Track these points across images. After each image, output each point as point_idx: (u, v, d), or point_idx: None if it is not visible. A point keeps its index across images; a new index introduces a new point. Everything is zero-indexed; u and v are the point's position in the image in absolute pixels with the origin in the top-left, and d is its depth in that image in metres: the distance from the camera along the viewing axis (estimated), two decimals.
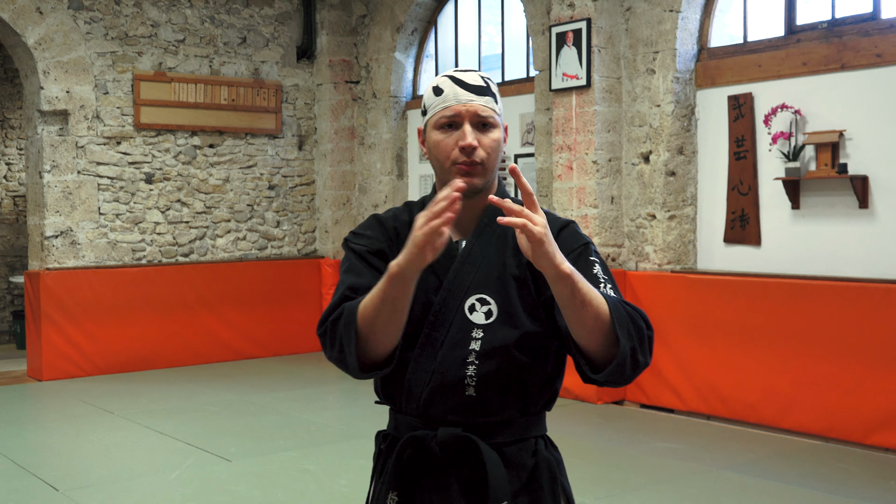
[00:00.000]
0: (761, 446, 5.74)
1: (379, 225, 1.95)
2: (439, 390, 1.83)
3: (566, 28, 7.01)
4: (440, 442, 1.83)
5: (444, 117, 1.84)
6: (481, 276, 1.86)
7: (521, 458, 1.87)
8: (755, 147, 6.41)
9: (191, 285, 8.82)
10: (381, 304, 1.70)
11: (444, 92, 1.86)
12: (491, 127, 1.85)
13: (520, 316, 1.84)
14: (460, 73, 1.88)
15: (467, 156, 1.82)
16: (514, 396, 1.85)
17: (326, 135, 9.66)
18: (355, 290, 1.84)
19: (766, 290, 6.08)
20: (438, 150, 1.85)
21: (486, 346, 1.82)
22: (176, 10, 8.86)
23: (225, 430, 6.27)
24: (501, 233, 1.89)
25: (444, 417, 1.84)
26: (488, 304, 1.84)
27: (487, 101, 1.85)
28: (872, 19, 5.86)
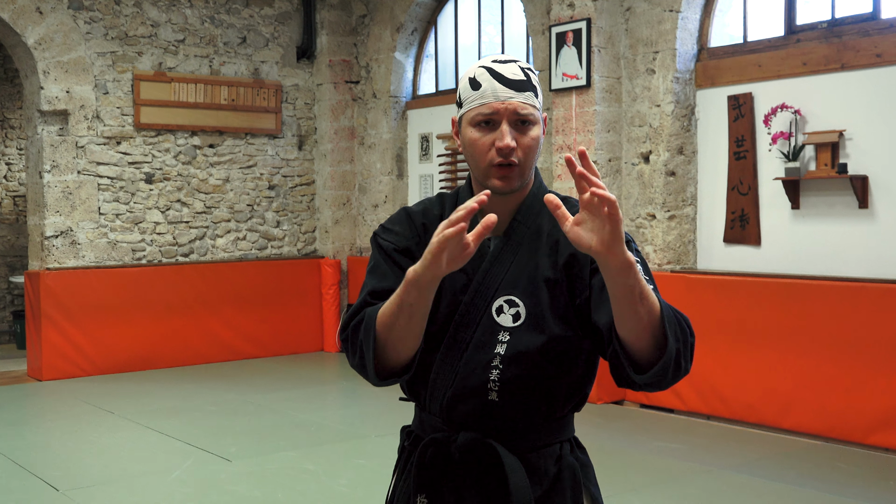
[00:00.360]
0: (761, 446, 5.74)
1: (408, 220, 1.88)
2: (461, 393, 1.78)
3: (566, 28, 7.01)
4: (460, 446, 1.78)
5: (481, 115, 1.76)
6: (511, 277, 1.80)
7: (544, 464, 1.81)
8: (755, 147, 6.41)
9: (191, 285, 8.82)
10: (398, 310, 1.66)
11: (481, 86, 1.76)
12: (530, 125, 1.76)
13: (548, 320, 1.77)
14: (499, 64, 1.78)
15: (504, 157, 1.74)
16: (538, 402, 1.79)
17: (326, 135, 9.66)
18: (377, 294, 1.79)
19: (766, 290, 6.08)
20: (475, 148, 1.77)
21: (512, 351, 1.76)
22: (176, 10, 8.86)
23: (225, 430, 6.27)
24: (535, 232, 1.83)
25: (465, 420, 1.79)
26: (517, 306, 1.78)
27: (527, 97, 1.76)
28: (872, 19, 5.86)
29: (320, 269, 9.62)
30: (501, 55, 1.81)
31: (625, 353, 1.64)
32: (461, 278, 1.79)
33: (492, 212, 1.79)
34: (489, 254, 1.81)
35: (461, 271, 1.77)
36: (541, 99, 1.80)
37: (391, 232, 1.88)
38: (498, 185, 1.77)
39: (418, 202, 1.94)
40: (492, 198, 1.77)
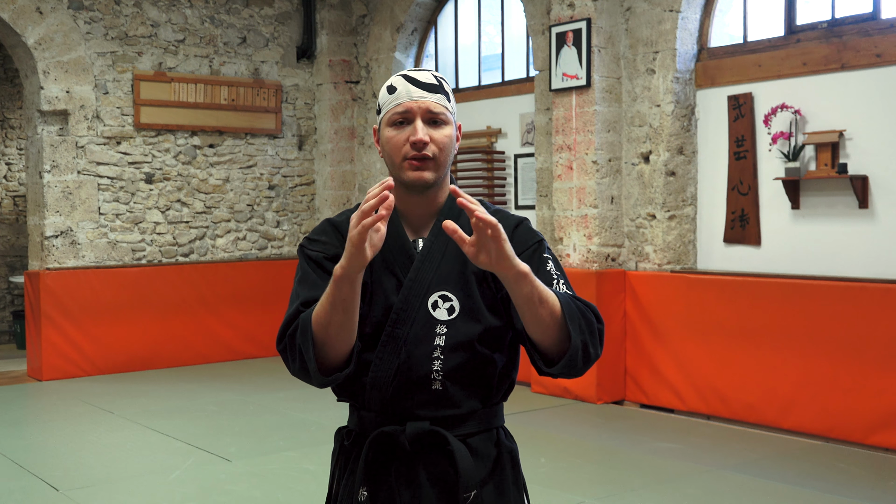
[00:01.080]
0: (761, 446, 5.74)
1: (333, 230, 1.97)
2: (406, 386, 1.87)
3: (566, 28, 7.01)
4: (409, 437, 1.86)
5: (397, 114, 1.88)
6: (442, 274, 1.90)
7: (486, 448, 1.92)
8: (755, 147, 6.41)
9: (191, 285, 8.82)
10: (331, 307, 1.74)
11: (397, 90, 1.89)
12: (443, 123, 1.88)
13: (482, 311, 1.89)
14: (413, 71, 1.92)
15: (418, 150, 1.85)
16: (477, 388, 1.90)
17: (326, 135, 9.67)
18: (310, 303, 1.86)
19: (766, 290, 6.08)
20: (391, 145, 1.88)
21: (451, 341, 1.86)
22: (176, 10, 8.86)
23: (225, 430, 6.27)
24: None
25: (410, 412, 1.88)
26: (450, 300, 1.89)
27: (439, 98, 1.89)
28: (872, 19, 5.86)
29: None
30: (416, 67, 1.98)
31: (535, 349, 1.81)
32: (391, 281, 1.89)
33: (414, 213, 1.95)
34: (418, 254, 1.91)
35: (391, 273, 1.90)
36: (453, 105, 1.92)
37: (318, 242, 1.96)
38: (412, 177, 1.87)
39: (339, 213, 2.03)
40: (413, 199, 1.92)
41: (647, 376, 6.79)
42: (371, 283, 1.90)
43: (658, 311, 6.71)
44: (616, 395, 6.96)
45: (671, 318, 6.61)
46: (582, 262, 7.01)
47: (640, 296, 6.82)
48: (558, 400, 7.05)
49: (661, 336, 6.68)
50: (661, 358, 6.67)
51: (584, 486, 5.00)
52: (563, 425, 6.31)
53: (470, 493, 1.85)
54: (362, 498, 1.89)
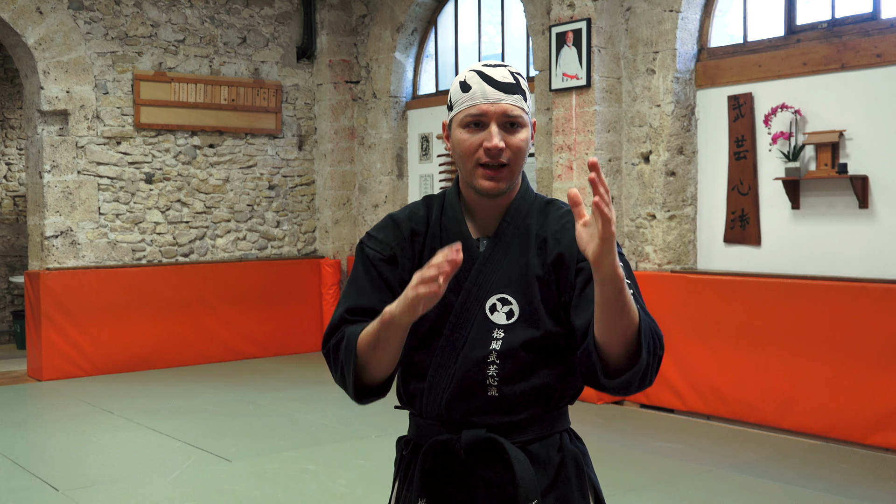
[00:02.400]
0: (761, 446, 5.74)
1: (394, 226, 1.90)
2: (460, 392, 1.80)
3: (566, 28, 7.01)
4: (465, 445, 1.80)
5: (470, 115, 1.78)
6: (503, 276, 1.82)
7: (547, 454, 1.84)
8: (755, 147, 6.41)
9: (191, 285, 8.82)
10: (375, 343, 1.72)
11: (471, 88, 1.79)
12: (519, 127, 1.80)
13: (542, 316, 1.81)
14: (489, 68, 1.81)
15: (492, 158, 1.77)
16: (536, 395, 1.82)
17: (326, 135, 9.67)
18: (354, 311, 1.84)
19: (766, 290, 6.08)
20: (462, 148, 1.80)
21: (507, 346, 1.79)
22: (176, 10, 8.86)
23: (225, 430, 6.27)
24: (524, 232, 1.86)
25: (466, 419, 1.81)
26: (510, 304, 1.81)
27: (516, 99, 1.79)
28: (872, 19, 5.87)
29: (320, 269, 9.62)
30: (492, 60, 1.85)
31: (598, 356, 1.70)
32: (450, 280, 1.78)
33: (481, 214, 1.86)
34: (480, 255, 1.84)
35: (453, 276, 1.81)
36: (530, 103, 1.83)
37: (376, 240, 1.90)
38: (486, 186, 1.79)
39: (403, 207, 1.96)
40: (481, 200, 1.84)
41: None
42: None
43: (658, 311, 6.70)
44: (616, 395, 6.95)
45: (671, 319, 6.61)
46: None
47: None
48: None
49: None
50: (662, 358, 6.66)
51: None
52: None
53: (531, 502, 1.76)
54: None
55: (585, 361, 1.74)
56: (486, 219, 1.86)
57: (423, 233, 1.89)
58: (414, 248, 1.88)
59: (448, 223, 1.88)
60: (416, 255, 1.88)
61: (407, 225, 1.89)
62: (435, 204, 1.92)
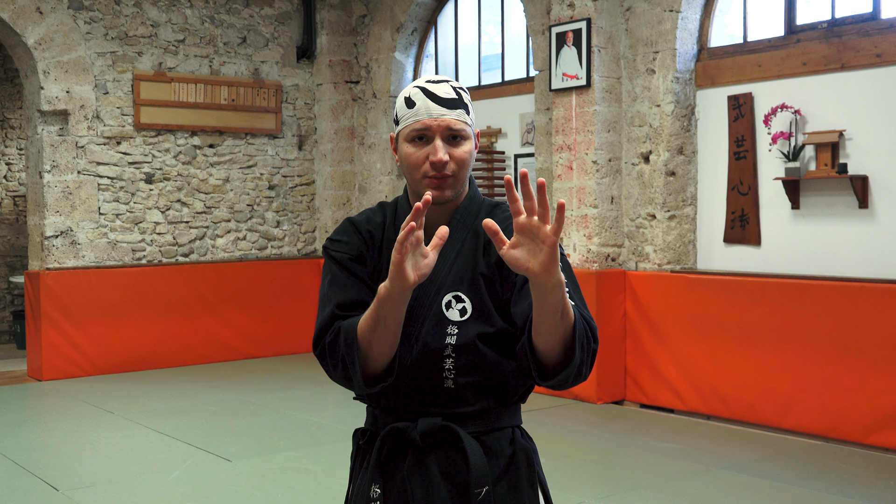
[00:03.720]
0: (761, 446, 5.74)
1: (354, 229, 1.98)
2: (418, 383, 1.88)
3: (566, 28, 7.01)
4: (421, 432, 1.87)
5: (415, 130, 1.87)
6: (456, 274, 1.91)
7: (500, 446, 1.91)
8: (755, 147, 6.41)
9: (191, 285, 8.82)
10: (374, 324, 1.76)
11: (415, 105, 1.88)
12: (462, 139, 1.88)
13: (492, 313, 1.89)
14: (432, 84, 1.90)
15: (438, 170, 1.85)
16: (490, 388, 1.90)
17: (326, 135, 9.67)
18: (344, 306, 1.89)
19: (766, 290, 6.08)
20: (409, 161, 1.88)
21: (462, 341, 1.86)
22: (176, 10, 8.86)
23: (225, 430, 6.27)
24: (473, 232, 1.94)
25: (423, 409, 1.89)
26: (463, 301, 1.89)
27: (459, 114, 1.87)
28: (872, 19, 5.87)
29: (320, 270, 9.62)
30: (434, 76, 1.94)
31: (534, 358, 1.76)
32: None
33: (430, 220, 1.93)
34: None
35: None
36: (472, 116, 1.92)
37: (340, 242, 1.97)
38: (433, 196, 1.85)
39: (361, 212, 2.05)
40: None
41: (647, 376, 6.79)
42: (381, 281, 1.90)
43: (658, 311, 6.71)
44: (616, 395, 6.96)
45: (671, 318, 6.61)
46: (582, 262, 7.01)
47: (640, 296, 6.82)
48: (558, 400, 7.05)
49: (661, 336, 6.68)
50: (661, 358, 6.67)
51: (584, 486, 5.00)
52: (563, 425, 6.31)
53: (482, 489, 1.84)
54: (374, 494, 1.90)
55: (521, 359, 1.81)
56: (435, 224, 1.92)
57: (380, 237, 1.98)
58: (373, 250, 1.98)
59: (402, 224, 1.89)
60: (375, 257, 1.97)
61: (365, 227, 1.98)
62: (388, 210, 2.02)
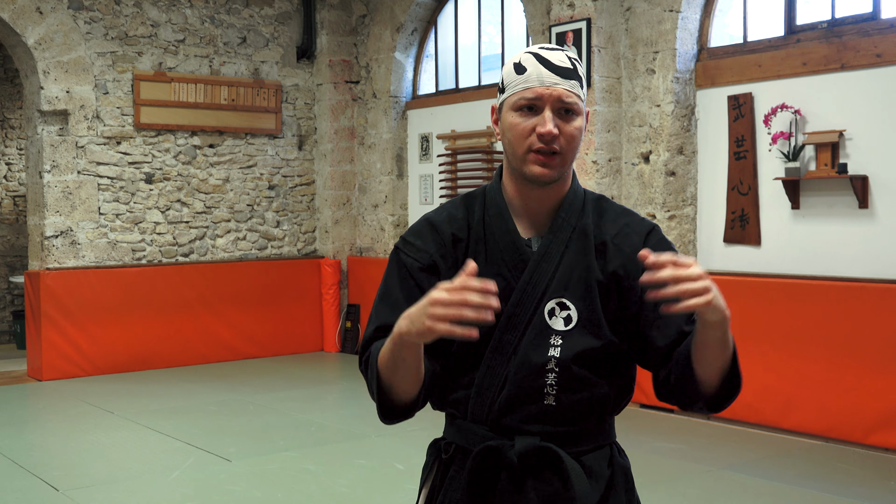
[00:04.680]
0: (761, 446, 5.74)
1: (432, 231, 1.76)
2: (516, 398, 1.70)
3: (566, 28, 7.01)
4: (518, 452, 1.70)
5: (525, 99, 1.69)
6: (561, 278, 1.72)
7: (599, 467, 1.77)
8: (755, 147, 6.41)
9: (191, 285, 8.82)
10: (391, 362, 1.62)
11: (526, 70, 1.69)
12: (574, 114, 1.70)
13: (602, 324, 1.72)
14: (546, 51, 1.71)
15: (546, 144, 1.67)
16: (593, 405, 1.75)
17: (326, 135, 9.67)
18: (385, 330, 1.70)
19: (766, 290, 6.08)
20: (514, 133, 1.70)
21: (567, 354, 1.70)
22: (176, 10, 8.86)
23: (225, 430, 6.27)
24: (581, 231, 1.75)
25: (519, 427, 1.71)
26: (568, 308, 1.71)
27: (573, 85, 1.69)
28: (872, 19, 5.86)
29: (320, 269, 9.62)
30: (550, 44, 1.76)
31: (697, 389, 1.68)
32: (499, 283, 1.66)
33: (530, 208, 1.75)
34: (534, 255, 1.73)
35: (498, 276, 1.71)
36: (585, 92, 1.75)
37: (414, 247, 1.76)
38: (536, 172, 1.69)
39: (440, 208, 1.82)
40: (530, 192, 1.74)
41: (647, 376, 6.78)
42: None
43: None
44: None
45: None
46: None
47: None
48: None
49: None
50: None
51: None
52: None
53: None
54: None
55: (679, 389, 1.71)
56: (535, 215, 1.75)
57: (466, 237, 1.76)
58: (457, 254, 1.75)
59: (493, 223, 1.76)
60: (458, 263, 1.73)
61: (447, 229, 1.76)
62: (475, 203, 1.79)
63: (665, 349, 1.72)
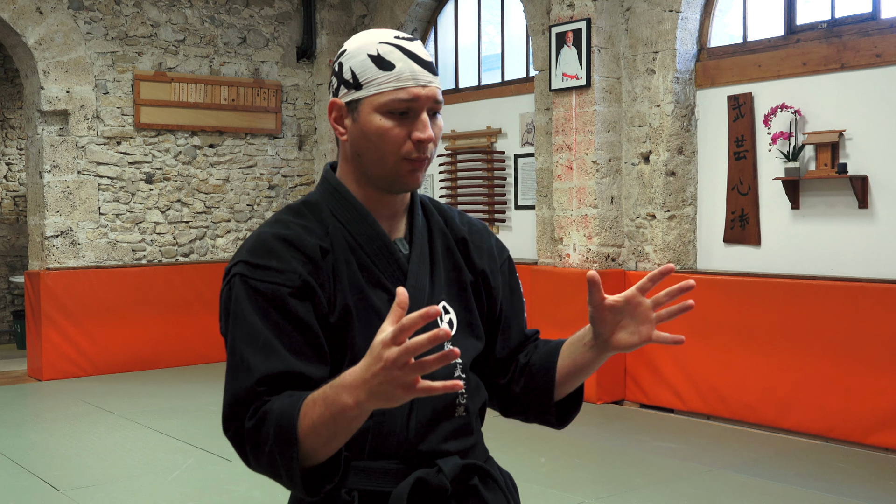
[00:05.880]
0: (761, 446, 5.74)
1: (289, 248, 1.46)
2: (430, 418, 1.52)
3: (566, 28, 7.01)
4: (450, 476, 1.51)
5: (399, 101, 1.46)
6: (437, 281, 1.58)
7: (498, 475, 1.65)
8: (755, 147, 6.41)
9: (191, 285, 8.82)
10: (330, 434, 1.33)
11: (395, 67, 1.46)
12: (437, 114, 1.52)
13: (478, 326, 1.62)
14: (407, 42, 1.50)
15: (421, 151, 1.48)
16: (482, 411, 1.65)
17: (326, 135, 9.66)
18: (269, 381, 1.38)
19: (766, 290, 6.08)
20: (383, 139, 1.46)
21: (465, 359, 1.57)
22: (176, 10, 8.87)
23: None
24: (440, 231, 1.63)
25: (437, 449, 1.53)
26: (448, 312, 1.57)
27: (438, 80, 1.51)
28: (872, 19, 5.86)
29: None
30: (400, 32, 1.53)
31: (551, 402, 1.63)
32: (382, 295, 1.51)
33: (385, 210, 1.55)
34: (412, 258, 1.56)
35: (378, 287, 1.51)
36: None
37: (270, 270, 1.43)
38: (409, 182, 1.50)
39: (275, 223, 1.51)
40: (382, 199, 1.55)
41: (646, 376, 6.79)
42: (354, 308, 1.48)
43: None
44: (616, 395, 6.96)
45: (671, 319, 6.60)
46: (582, 262, 7.01)
47: None
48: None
49: None
50: (661, 358, 6.67)
51: (584, 486, 5.00)
52: None
53: None
54: None
55: (528, 401, 1.64)
56: (389, 220, 1.57)
57: (331, 247, 1.50)
58: (326, 270, 1.48)
59: (356, 232, 1.53)
60: (330, 280, 1.48)
61: (309, 242, 1.48)
62: (320, 211, 1.54)
63: (506, 357, 1.66)
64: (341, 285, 1.48)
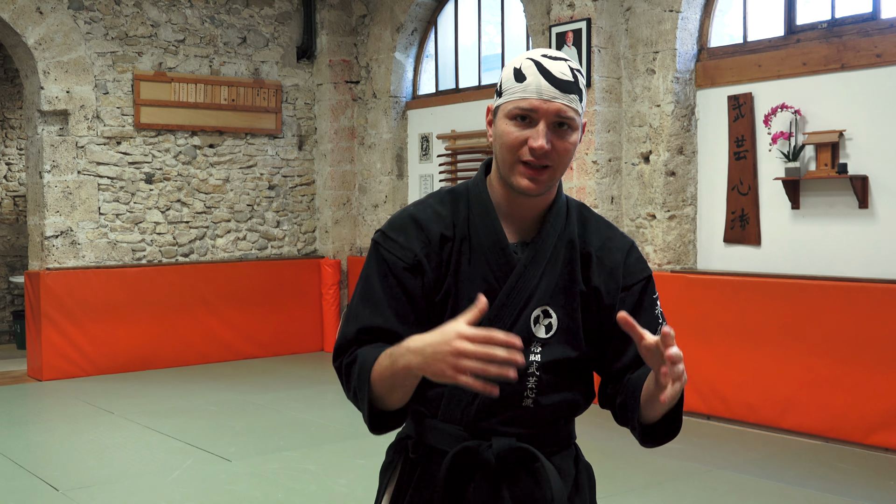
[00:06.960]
0: (761, 446, 5.74)
1: (417, 229, 1.70)
2: (495, 401, 1.67)
3: (566, 28, 7.01)
4: (496, 453, 1.70)
5: (520, 108, 1.64)
6: (546, 286, 1.71)
7: (567, 466, 1.80)
8: (755, 147, 6.41)
9: (191, 285, 8.82)
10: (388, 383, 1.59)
11: (525, 79, 1.65)
12: (569, 130, 1.66)
13: (579, 335, 1.74)
14: (549, 60, 1.67)
15: (536, 158, 1.64)
16: (565, 408, 1.77)
17: (326, 135, 9.67)
18: (369, 331, 1.67)
19: (766, 290, 6.08)
20: (505, 141, 1.66)
21: (548, 359, 1.71)
22: (176, 10, 8.86)
23: (225, 430, 6.27)
24: (568, 241, 1.75)
25: (495, 428, 1.71)
26: (550, 317, 1.71)
27: (571, 100, 1.65)
28: (872, 19, 5.87)
29: (320, 269, 9.62)
30: (552, 51, 1.72)
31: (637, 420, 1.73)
32: (482, 287, 1.68)
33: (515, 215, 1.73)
34: (521, 261, 1.71)
35: (482, 280, 1.69)
36: (584, 103, 1.72)
37: (396, 244, 1.70)
38: (523, 185, 1.66)
39: (421, 203, 1.76)
40: (516, 199, 1.71)
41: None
42: (456, 290, 1.68)
43: None
44: None
45: (671, 318, 6.57)
46: None
47: None
48: None
49: None
50: None
51: None
52: None
53: None
54: None
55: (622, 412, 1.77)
56: (520, 221, 1.73)
57: (452, 237, 1.71)
58: (443, 254, 1.70)
59: (479, 225, 1.72)
60: (443, 264, 1.70)
61: (435, 228, 1.71)
62: (460, 201, 1.75)
63: (619, 370, 1.77)
64: (452, 271, 1.69)
